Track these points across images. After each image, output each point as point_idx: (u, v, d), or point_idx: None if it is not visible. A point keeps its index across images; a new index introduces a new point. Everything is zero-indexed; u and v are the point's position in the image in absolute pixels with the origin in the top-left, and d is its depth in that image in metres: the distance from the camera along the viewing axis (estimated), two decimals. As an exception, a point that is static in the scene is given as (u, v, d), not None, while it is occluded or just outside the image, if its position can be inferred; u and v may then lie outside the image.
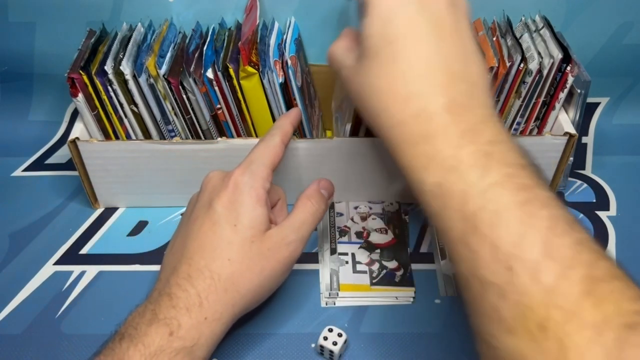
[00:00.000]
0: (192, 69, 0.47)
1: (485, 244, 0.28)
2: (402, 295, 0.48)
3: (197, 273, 0.38)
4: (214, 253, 0.38)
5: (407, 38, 0.34)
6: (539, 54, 0.48)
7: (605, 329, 0.24)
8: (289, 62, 0.47)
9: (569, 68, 0.48)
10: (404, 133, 0.33)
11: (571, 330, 0.25)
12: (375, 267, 0.50)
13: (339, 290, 0.48)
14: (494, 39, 0.50)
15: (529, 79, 0.49)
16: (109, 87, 0.49)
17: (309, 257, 0.52)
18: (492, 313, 0.28)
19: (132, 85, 0.48)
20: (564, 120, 0.52)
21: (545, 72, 0.48)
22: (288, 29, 0.54)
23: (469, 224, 0.29)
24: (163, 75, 0.47)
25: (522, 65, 0.47)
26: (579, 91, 0.51)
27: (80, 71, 0.48)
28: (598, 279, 0.26)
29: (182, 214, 0.46)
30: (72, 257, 0.52)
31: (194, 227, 0.40)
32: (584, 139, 0.65)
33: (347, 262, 0.50)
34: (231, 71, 0.47)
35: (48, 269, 0.51)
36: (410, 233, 0.54)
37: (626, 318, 0.25)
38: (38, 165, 0.63)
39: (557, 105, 0.51)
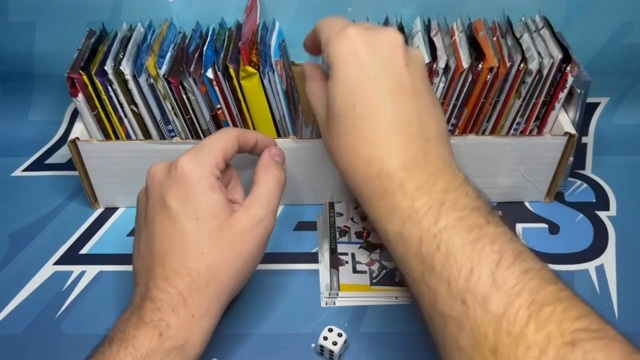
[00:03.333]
0: (192, 69, 0.47)
1: (442, 282, 0.31)
2: (402, 295, 0.48)
3: (173, 273, 0.37)
4: (184, 250, 0.37)
5: (367, 103, 0.36)
6: (539, 54, 0.48)
7: (548, 349, 0.27)
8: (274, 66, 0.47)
9: (568, 68, 0.48)
10: (369, 189, 0.36)
11: (519, 353, 0.27)
12: (375, 267, 0.50)
13: (339, 290, 0.48)
14: (494, 39, 0.50)
15: (529, 79, 0.49)
16: (109, 87, 0.49)
17: (309, 257, 0.52)
18: (453, 343, 0.31)
19: (132, 85, 0.48)
20: (563, 120, 0.52)
21: (545, 72, 0.48)
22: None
23: (427, 265, 0.32)
24: (163, 75, 0.47)
25: (522, 65, 0.48)
26: (579, 91, 0.51)
27: (80, 71, 0.48)
28: (542, 303, 0.28)
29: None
30: (72, 257, 0.52)
31: (155, 229, 0.39)
32: (584, 139, 0.65)
33: (347, 262, 0.50)
34: (231, 71, 0.47)
35: (48, 269, 0.51)
36: (410, 233, 0.54)
37: (566, 337, 0.27)
38: (38, 165, 0.63)
39: (557, 105, 0.51)
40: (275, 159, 0.44)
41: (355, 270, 0.50)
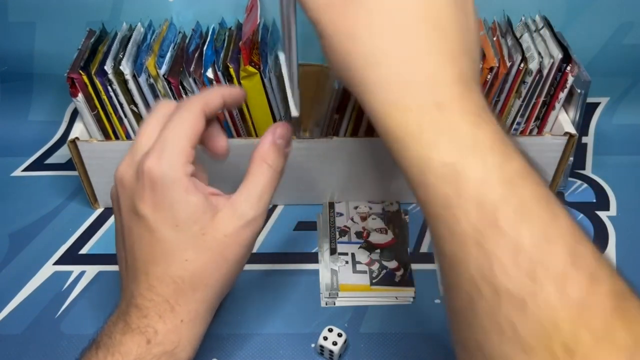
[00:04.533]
0: (192, 69, 0.47)
1: (506, 245, 0.24)
2: (402, 295, 0.48)
3: (157, 282, 0.35)
4: (167, 259, 0.35)
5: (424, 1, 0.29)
6: (539, 53, 0.48)
7: (637, 354, 0.22)
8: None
9: (569, 68, 0.48)
10: (410, 97, 0.28)
11: (603, 355, 0.22)
12: (375, 267, 0.50)
13: (339, 290, 0.48)
14: (494, 39, 0.50)
15: (529, 79, 0.49)
16: (109, 87, 0.49)
17: (309, 257, 0.52)
18: (506, 328, 0.24)
19: (131, 85, 0.48)
20: (564, 120, 0.52)
21: (545, 72, 0.48)
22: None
23: (488, 217, 0.25)
24: (163, 75, 0.47)
25: (522, 65, 0.48)
26: (579, 91, 0.51)
27: (80, 71, 0.48)
28: (621, 294, 0.24)
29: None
30: (71, 257, 0.52)
31: (133, 240, 0.36)
32: (584, 139, 0.65)
33: (347, 262, 0.50)
34: (231, 71, 0.47)
35: (48, 269, 0.51)
36: (410, 233, 0.54)
37: None
38: (38, 165, 0.63)
39: (557, 105, 0.51)
40: (278, 141, 0.37)
41: (355, 270, 0.50)
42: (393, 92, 0.28)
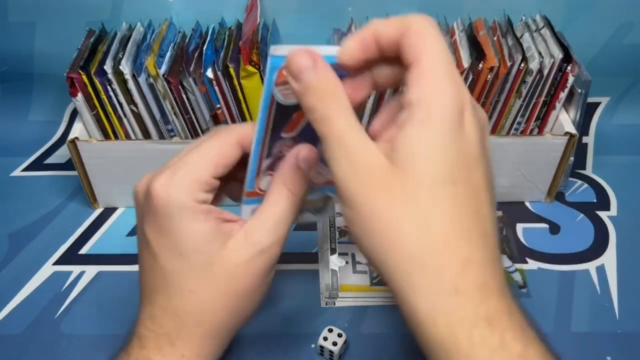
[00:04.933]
0: (191, 69, 0.47)
1: None
2: (402, 295, 0.48)
3: (160, 312, 0.33)
4: (169, 289, 0.32)
5: (472, 186, 0.27)
6: (540, 53, 0.48)
7: None
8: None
9: (569, 68, 0.48)
10: (462, 308, 0.25)
11: None
12: (376, 267, 0.50)
13: (339, 290, 0.48)
14: (495, 38, 0.50)
15: (529, 79, 0.48)
16: (109, 87, 0.49)
17: (309, 257, 0.52)
18: None
19: (131, 84, 0.48)
20: (564, 120, 0.52)
21: (545, 72, 0.48)
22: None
23: None
24: (163, 75, 0.47)
25: (522, 64, 0.47)
26: (579, 91, 0.51)
27: (80, 71, 0.48)
28: None
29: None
30: (71, 257, 0.52)
31: (142, 262, 0.34)
32: (585, 139, 0.65)
33: (347, 262, 0.50)
34: (231, 70, 0.47)
35: (47, 269, 0.51)
36: (411, 233, 0.54)
37: None
38: (37, 165, 0.63)
39: (558, 105, 0.51)
40: (301, 165, 0.33)
41: (355, 270, 0.50)
42: (443, 299, 0.25)
